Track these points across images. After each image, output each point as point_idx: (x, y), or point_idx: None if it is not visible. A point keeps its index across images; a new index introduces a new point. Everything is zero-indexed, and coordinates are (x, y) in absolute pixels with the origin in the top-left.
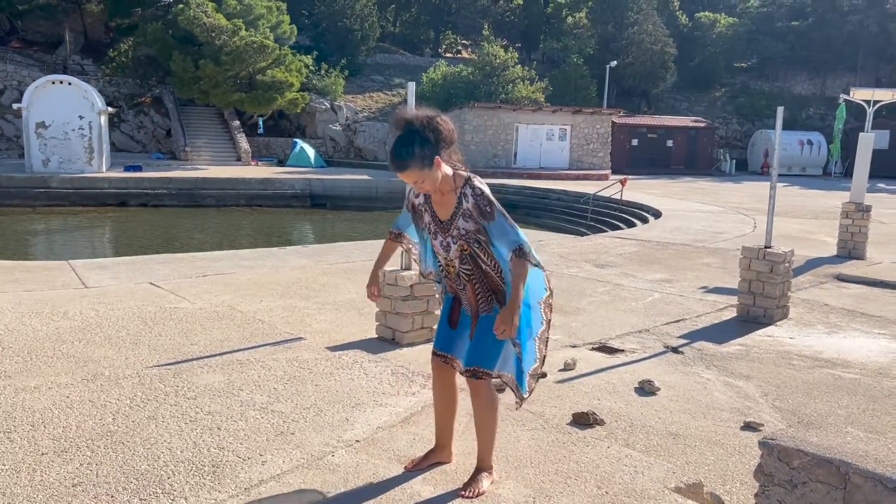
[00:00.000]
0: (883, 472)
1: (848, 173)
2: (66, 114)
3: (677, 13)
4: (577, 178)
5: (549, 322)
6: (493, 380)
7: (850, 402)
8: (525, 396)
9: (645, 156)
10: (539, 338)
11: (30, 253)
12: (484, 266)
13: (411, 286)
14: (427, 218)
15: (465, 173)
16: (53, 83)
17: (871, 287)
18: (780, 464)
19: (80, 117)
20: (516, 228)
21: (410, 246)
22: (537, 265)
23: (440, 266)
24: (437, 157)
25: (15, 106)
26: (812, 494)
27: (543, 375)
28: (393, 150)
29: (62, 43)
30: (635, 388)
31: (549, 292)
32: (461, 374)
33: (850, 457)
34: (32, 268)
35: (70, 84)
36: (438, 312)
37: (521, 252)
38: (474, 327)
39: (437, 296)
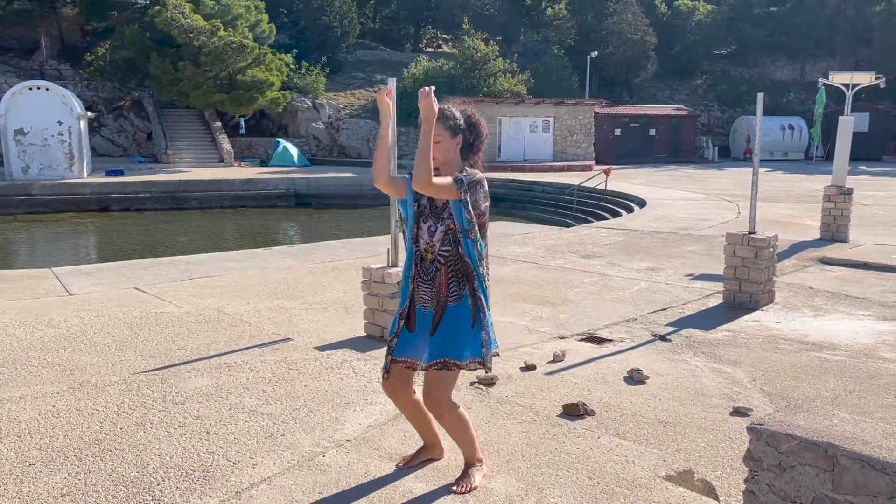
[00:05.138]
0: (870, 453)
1: (829, 157)
2: (45, 120)
3: (656, 2)
4: (562, 169)
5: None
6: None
7: (836, 384)
8: (490, 366)
9: (628, 145)
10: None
11: (12, 262)
12: (460, 248)
13: (398, 283)
14: (424, 200)
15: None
16: (31, 89)
17: (854, 269)
18: (769, 448)
19: (59, 123)
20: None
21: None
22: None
23: (415, 253)
24: (461, 136)
25: None
26: (801, 478)
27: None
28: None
29: (38, 48)
30: (624, 377)
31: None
32: (424, 370)
33: (837, 439)
34: (14, 276)
35: (48, 89)
36: None
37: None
38: (438, 320)
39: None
